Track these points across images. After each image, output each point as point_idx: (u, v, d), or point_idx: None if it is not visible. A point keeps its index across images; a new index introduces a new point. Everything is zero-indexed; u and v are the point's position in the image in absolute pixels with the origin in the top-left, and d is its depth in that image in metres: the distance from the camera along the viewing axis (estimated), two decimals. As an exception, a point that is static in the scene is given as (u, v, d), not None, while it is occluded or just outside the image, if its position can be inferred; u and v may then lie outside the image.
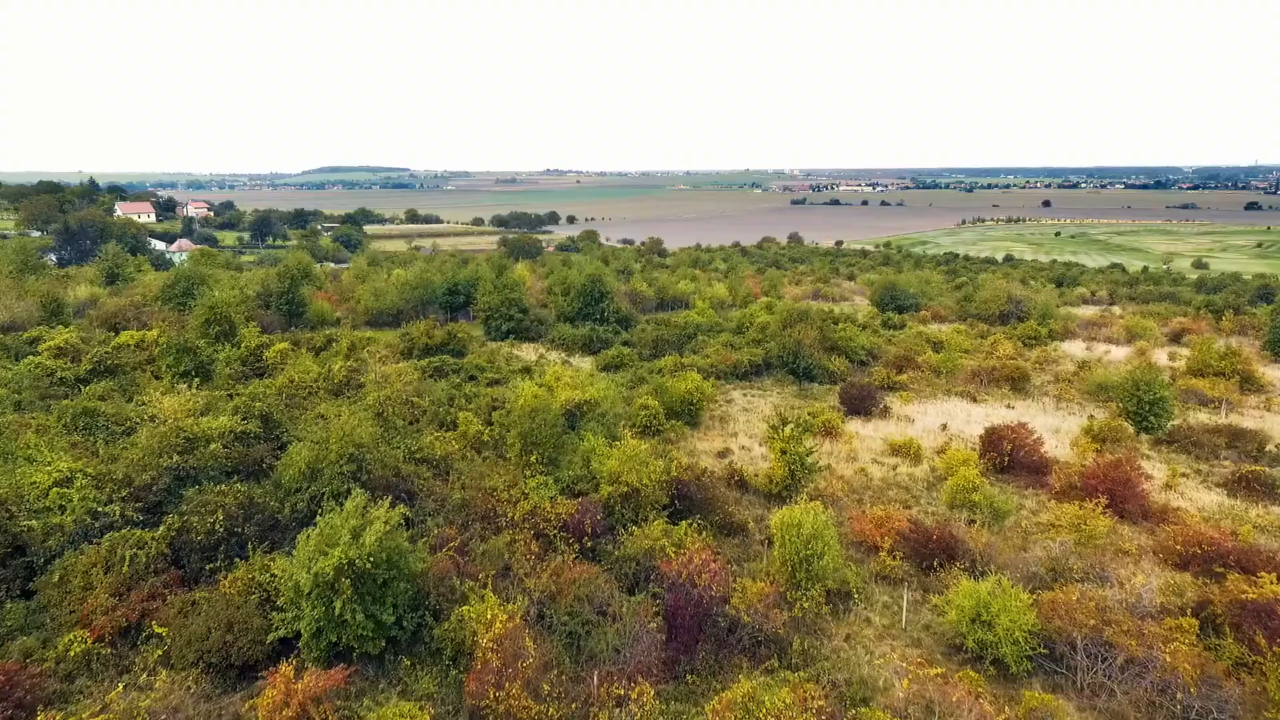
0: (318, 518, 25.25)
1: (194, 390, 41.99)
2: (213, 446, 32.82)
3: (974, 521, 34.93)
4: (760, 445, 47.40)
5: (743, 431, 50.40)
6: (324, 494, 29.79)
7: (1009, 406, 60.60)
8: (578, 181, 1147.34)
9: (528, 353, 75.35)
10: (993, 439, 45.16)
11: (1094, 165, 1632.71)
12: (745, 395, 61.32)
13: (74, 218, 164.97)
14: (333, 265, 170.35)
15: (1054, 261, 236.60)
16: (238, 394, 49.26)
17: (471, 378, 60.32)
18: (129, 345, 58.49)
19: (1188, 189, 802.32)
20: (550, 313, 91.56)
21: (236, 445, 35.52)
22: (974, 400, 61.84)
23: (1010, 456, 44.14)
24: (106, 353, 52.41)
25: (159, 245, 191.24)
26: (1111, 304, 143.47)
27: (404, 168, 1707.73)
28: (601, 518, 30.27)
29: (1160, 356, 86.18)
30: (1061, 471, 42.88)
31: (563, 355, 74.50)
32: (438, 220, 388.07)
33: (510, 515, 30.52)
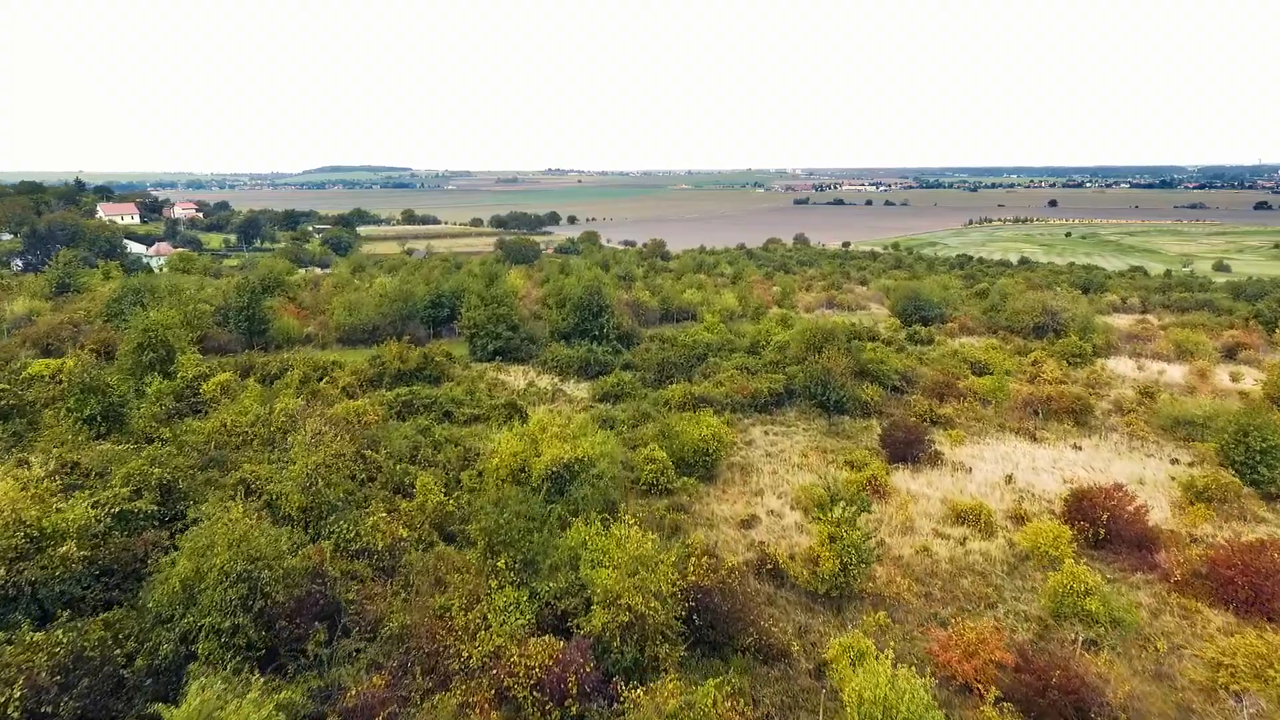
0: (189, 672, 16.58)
1: (79, 446, 33.22)
2: (65, 548, 24.05)
3: (1095, 644, 26.10)
4: (792, 509, 38.62)
5: (769, 488, 41.53)
6: (201, 630, 21.06)
7: (1075, 447, 51.73)
8: (579, 181, 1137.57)
9: (516, 378, 66.51)
10: (1082, 506, 36.31)
11: (1096, 165, 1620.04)
12: (767, 434, 52.48)
13: (43, 220, 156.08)
14: (319, 270, 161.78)
15: (1072, 264, 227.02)
16: (156, 442, 40.67)
17: (447, 414, 51.50)
18: (43, 377, 49.82)
19: (1193, 189, 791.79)
20: (545, 327, 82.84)
21: (114, 536, 26.81)
22: (1034, 439, 53.00)
23: (1106, 527, 35.33)
24: (3, 389, 43.57)
25: (138, 249, 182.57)
26: (1144, 312, 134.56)
27: (405, 167, 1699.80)
28: (592, 667, 21.44)
29: (1221, 376, 77.42)
30: (1176, 550, 34.10)
31: (556, 380, 65.68)
32: (435, 221, 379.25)
33: (466, 655, 21.77)
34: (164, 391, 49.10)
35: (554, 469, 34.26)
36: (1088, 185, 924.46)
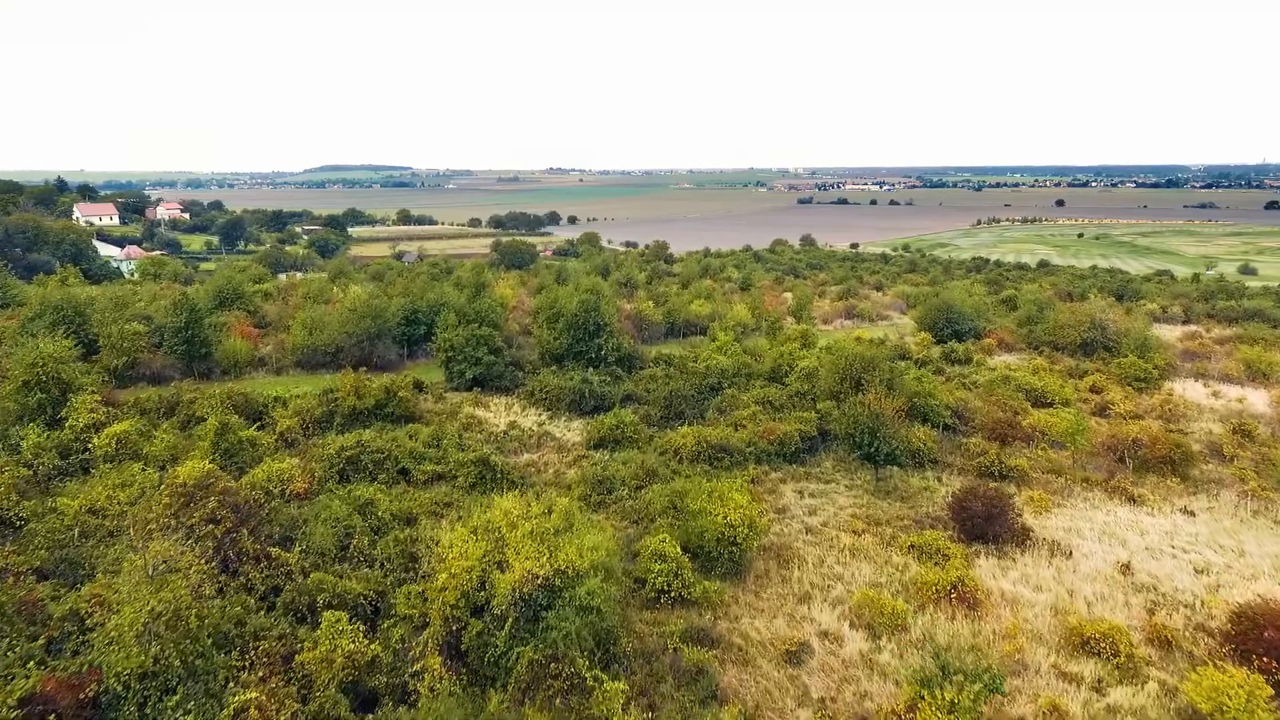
0: None
1: None
2: None
3: None
4: (853, 626, 28.41)
5: (818, 588, 31.26)
6: None
7: (1187, 513, 41.50)
8: (580, 180, 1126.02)
9: (497, 413, 56.26)
10: (1262, 634, 26.11)
11: (1100, 164, 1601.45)
12: (802, 495, 42.27)
13: (2, 222, 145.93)
14: (300, 275, 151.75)
15: (1094, 268, 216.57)
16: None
17: (403, 472, 41.31)
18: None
19: (1200, 188, 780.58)
20: (535, 346, 72.59)
21: None
22: (1133, 500, 42.76)
23: (1301, 667, 25.13)
24: None
25: (111, 251, 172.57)
26: (1187, 322, 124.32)
27: (406, 166, 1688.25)
28: None
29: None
30: None
31: (544, 417, 55.42)
32: (431, 221, 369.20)
33: None
34: (44, 446, 38.99)
35: (525, 590, 24.10)
36: (1093, 184, 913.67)
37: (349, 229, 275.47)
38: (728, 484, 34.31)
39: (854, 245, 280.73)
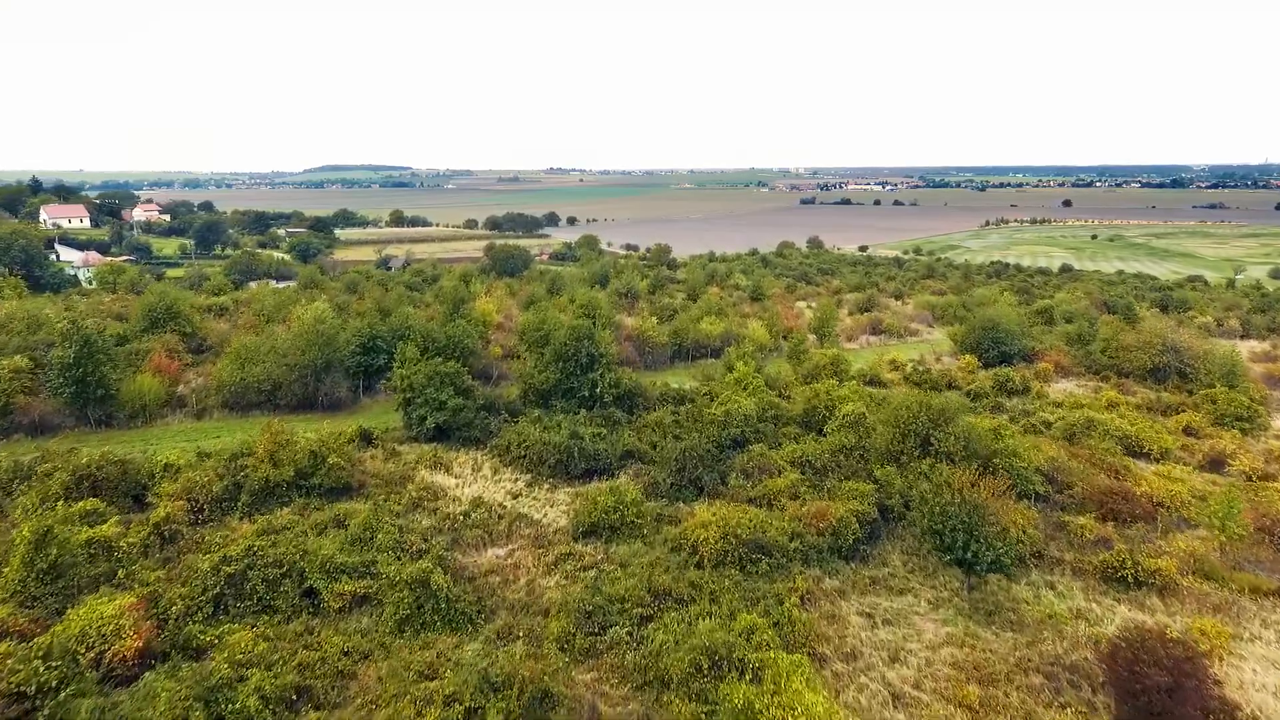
0: None
1: None
2: None
3: None
4: None
5: None
6: None
7: None
8: (580, 180, 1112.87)
9: (463, 477, 43.89)
10: None
11: (1102, 164, 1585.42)
12: (874, 620, 30.08)
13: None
14: (273, 284, 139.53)
15: (1120, 273, 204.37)
16: None
17: (310, 594, 29.14)
18: None
19: (1206, 188, 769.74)
20: (518, 381, 60.35)
21: None
22: (1332, 626, 30.71)
23: None
24: None
25: (74, 257, 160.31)
26: (1245, 336, 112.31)
27: (406, 166, 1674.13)
28: None
29: None
30: None
31: (521, 482, 43.15)
32: (426, 223, 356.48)
33: None
34: None
35: None
36: (1098, 185, 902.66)
37: (337, 231, 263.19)
38: (787, 661, 22.02)
39: (863, 248, 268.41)
